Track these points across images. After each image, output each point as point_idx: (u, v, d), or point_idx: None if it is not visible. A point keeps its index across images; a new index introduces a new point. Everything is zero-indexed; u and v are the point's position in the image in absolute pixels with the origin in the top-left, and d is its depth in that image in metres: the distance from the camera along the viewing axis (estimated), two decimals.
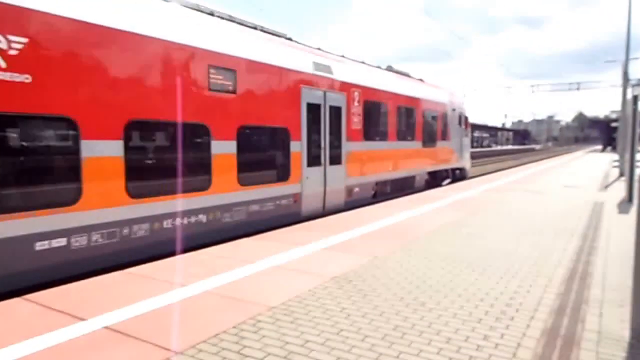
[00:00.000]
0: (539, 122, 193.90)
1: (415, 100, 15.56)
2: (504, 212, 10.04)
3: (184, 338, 3.75)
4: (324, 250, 6.63)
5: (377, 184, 13.41)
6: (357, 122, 12.20)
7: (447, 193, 13.71)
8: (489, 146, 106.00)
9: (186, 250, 7.22)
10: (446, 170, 18.80)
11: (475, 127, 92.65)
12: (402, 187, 14.91)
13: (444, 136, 18.06)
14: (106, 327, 3.97)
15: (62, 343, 3.67)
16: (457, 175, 20.09)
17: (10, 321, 4.11)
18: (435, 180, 17.51)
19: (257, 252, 6.56)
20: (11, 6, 5.49)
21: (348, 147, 11.87)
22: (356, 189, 12.33)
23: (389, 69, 15.80)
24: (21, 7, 5.58)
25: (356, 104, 12.14)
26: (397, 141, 14.37)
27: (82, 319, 4.15)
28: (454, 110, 18.99)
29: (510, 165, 40.96)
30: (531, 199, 12.26)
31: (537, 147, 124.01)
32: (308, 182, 10.39)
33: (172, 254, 6.88)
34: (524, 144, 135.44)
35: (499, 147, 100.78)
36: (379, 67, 14.92)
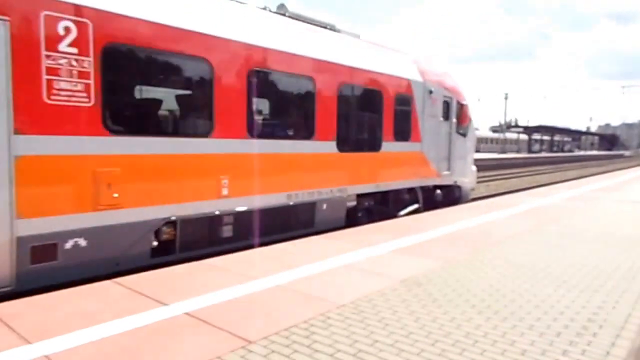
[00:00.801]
0: (629, 126, 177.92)
1: (316, 65, 8.44)
2: (587, 221, 9.31)
3: (257, 329, 3.85)
4: (394, 252, 6.52)
5: (168, 223, 6.42)
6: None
7: (522, 199, 12.97)
8: (570, 151, 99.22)
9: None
10: (409, 191, 11.20)
11: (556, 130, 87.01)
12: (269, 225, 7.76)
13: (404, 134, 10.77)
14: (186, 313, 4.16)
15: (147, 325, 3.90)
16: (439, 197, 12.35)
17: (102, 302, 4.43)
18: (380, 206, 10.41)
19: (328, 250, 6.59)
20: None
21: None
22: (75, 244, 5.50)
23: (281, 9, 8.90)
24: None
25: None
26: (247, 138, 7.30)
27: (165, 304, 4.38)
28: (430, 92, 11.49)
29: (593, 172, 38.06)
30: (619, 208, 11.26)
31: (627, 153, 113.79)
32: None
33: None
34: (610, 149, 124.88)
35: (581, 153, 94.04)
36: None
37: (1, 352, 3.36)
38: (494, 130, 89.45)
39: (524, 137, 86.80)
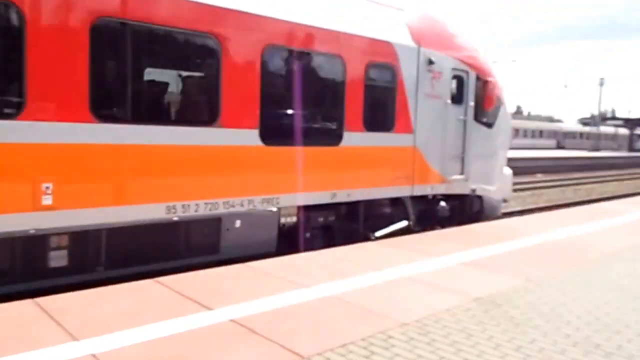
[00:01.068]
0: None
1: (218, 15, 6.64)
2: None
3: (311, 343, 3.97)
4: (464, 265, 6.51)
5: None
6: None
7: (625, 207, 12.48)
8: None
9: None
10: (393, 203, 9.33)
11: None
12: (135, 250, 6.32)
13: (383, 122, 8.87)
14: (232, 320, 4.36)
15: (192, 330, 4.14)
16: (443, 212, 10.08)
17: (143, 301, 4.75)
18: (343, 224, 8.67)
19: (384, 259, 6.66)
20: None
21: None
22: None
23: None
24: None
25: None
26: (90, 121, 5.74)
27: (209, 308, 4.64)
28: (430, 62, 9.31)
29: None
30: None
31: None
32: None
33: None
34: None
35: None
36: None
37: (51, 347, 3.72)
38: (584, 123, 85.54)
39: (624, 131, 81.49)
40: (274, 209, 7.43)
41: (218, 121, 6.70)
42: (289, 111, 7.63)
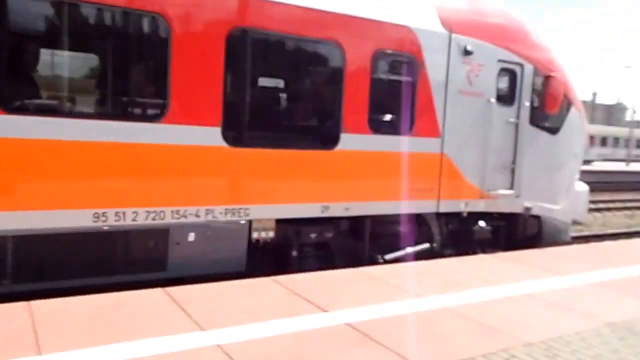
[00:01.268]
0: None
1: None
2: None
3: (430, 354, 3.83)
4: (592, 286, 5.94)
5: None
6: None
7: None
8: None
9: None
10: (411, 220, 7.67)
11: None
12: (50, 264, 5.40)
13: (398, 123, 7.34)
14: (347, 324, 4.35)
15: (309, 331, 4.17)
16: (482, 233, 8.37)
17: (262, 298, 4.89)
18: (343, 241, 7.32)
19: (501, 273, 6.28)
20: None
21: None
22: None
23: None
24: None
25: None
26: None
27: (325, 310, 4.65)
28: (467, 52, 7.70)
29: None
30: None
31: None
32: None
33: None
34: None
35: None
36: None
37: (180, 335, 3.95)
38: None
39: None
40: (242, 222, 6.28)
41: (164, 116, 5.66)
42: (263, 107, 6.56)
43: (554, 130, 8.85)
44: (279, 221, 6.53)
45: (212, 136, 5.93)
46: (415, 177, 7.39)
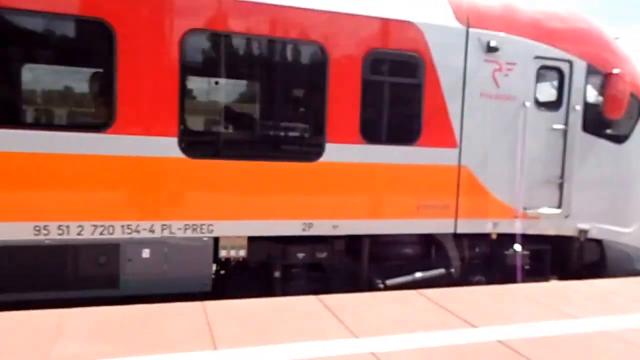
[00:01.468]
0: None
1: None
2: None
3: None
4: None
5: None
6: None
7: None
8: None
9: None
10: (414, 239, 6.85)
11: None
12: None
13: (399, 132, 6.49)
14: (499, 341, 4.25)
15: (459, 345, 4.15)
16: (514, 259, 6.94)
17: (410, 311, 4.95)
18: (339, 261, 6.54)
19: None
20: None
21: None
22: None
23: None
24: None
25: None
26: None
27: (473, 326, 4.58)
28: (491, 49, 6.59)
29: None
30: None
31: None
32: None
33: None
34: None
35: None
36: None
37: (335, 340, 4.16)
38: None
39: None
40: (205, 239, 5.80)
41: (114, 126, 5.33)
42: (228, 115, 6.10)
43: (619, 139, 7.32)
44: (257, 239, 5.99)
45: (166, 147, 5.51)
46: (423, 193, 6.49)
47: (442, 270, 6.73)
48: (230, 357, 3.73)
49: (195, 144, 5.72)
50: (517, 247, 6.92)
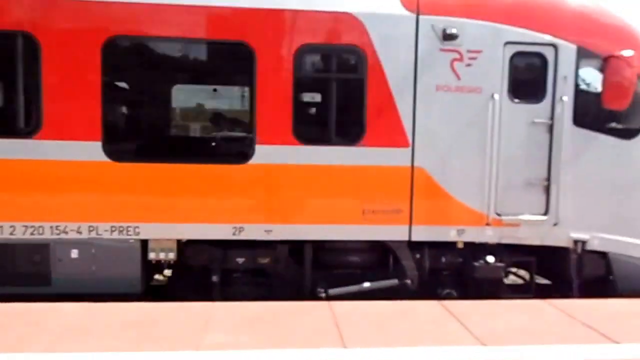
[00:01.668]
0: None
1: None
2: None
3: None
4: None
5: None
6: None
7: None
8: None
9: None
10: (366, 247, 6.25)
11: None
12: None
13: (337, 131, 6.02)
14: None
15: None
16: (481, 272, 6.06)
17: (538, 321, 4.68)
18: (281, 268, 6.22)
19: None
20: None
21: None
22: None
23: None
24: None
25: None
26: None
27: (615, 342, 4.25)
28: (448, 38, 5.81)
29: None
30: None
31: None
32: None
33: None
34: None
35: None
36: None
37: (462, 346, 4.10)
38: None
39: None
40: (131, 241, 5.82)
41: (38, 132, 5.57)
42: (153, 119, 6.25)
43: (627, 133, 6.21)
44: (195, 242, 5.98)
45: (91, 151, 5.63)
46: (369, 197, 5.98)
47: (394, 281, 6.16)
48: (361, 356, 3.84)
49: (120, 148, 5.83)
50: (490, 258, 6.13)
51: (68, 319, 4.34)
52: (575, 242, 6.14)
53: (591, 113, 6.14)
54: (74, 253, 5.76)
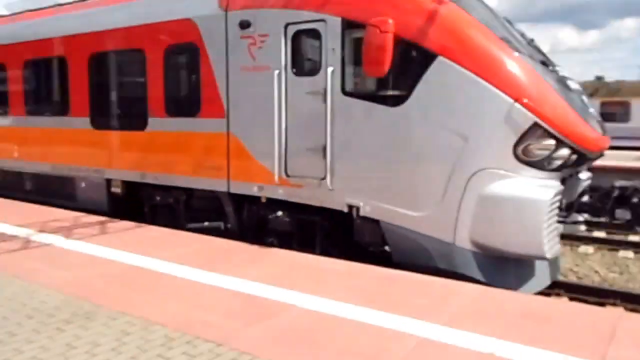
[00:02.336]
0: None
1: None
2: None
3: None
4: None
5: None
6: None
7: None
8: None
9: None
10: (208, 195, 7.47)
11: None
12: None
13: (185, 107, 7.70)
14: None
15: None
16: (275, 224, 6.79)
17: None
18: (171, 205, 7.98)
19: None
20: None
21: None
22: None
23: None
24: None
25: None
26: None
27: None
28: (244, 27, 6.69)
29: None
30: None
31: None
32: None
33: None
34: None
35: None
36: None
37: None
38: None
39: None
40: (101, 179, 8.62)
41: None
42: (105, 99, 8.67)
43: (392, 100, 5.74)
44: (133, 184, 8.20)
45: (84, 123, 8.79)
46: (205, 156, 7.31)
47: (219, 224, 7.42)
48: None
49: (98, 121, 8.64)
50: (279, 213, 6.74)
51: (464, 299, 4.37)
52: (350, 207, 6.11)
53: (359, 82, 6.26)
54: (83, 184, 8.96)
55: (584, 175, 6.42)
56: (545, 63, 6.09)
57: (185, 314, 3.90)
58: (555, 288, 6.56)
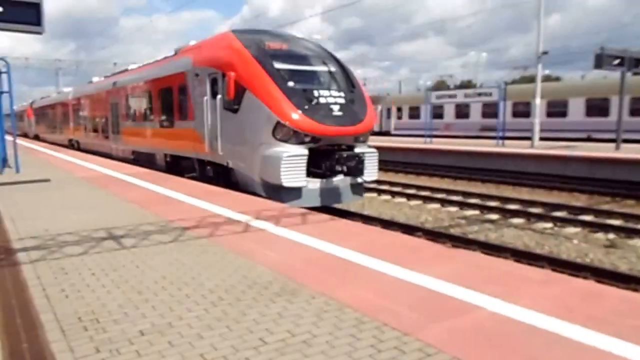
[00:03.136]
0: None
1: None
2: None
3: None
4: None
5: None
6: None
7: None
8: None
9: None
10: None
11: None
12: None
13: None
14: None
15: None
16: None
17: None
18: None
19: None
20: None
21: None
22: None
23: None
24: None
25: None
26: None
27: None
28: None
29: None
30: None
31: None
32: None
33: None
34: None
35: None
36: None
37: None
38: None
39: None
40: (162, 153, 15.69)
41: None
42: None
43: (235, 110, 11.05)
44: (173, 155, 14.83)
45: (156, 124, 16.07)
46: (187, 140, 13.22)
47: (194, 174, 13.05)
48: None
49: (160, 123, 15.34)
50: (208, 167, 12.42)
51: None
52: (227, 163, 11.27)
53: (226, 102, 11.08)
54: (157, 156, 15.95)
55: (357, 151, 10.42)
56: (308, 89, 10.29)
57: (374, 301, 4.02)
58: None
